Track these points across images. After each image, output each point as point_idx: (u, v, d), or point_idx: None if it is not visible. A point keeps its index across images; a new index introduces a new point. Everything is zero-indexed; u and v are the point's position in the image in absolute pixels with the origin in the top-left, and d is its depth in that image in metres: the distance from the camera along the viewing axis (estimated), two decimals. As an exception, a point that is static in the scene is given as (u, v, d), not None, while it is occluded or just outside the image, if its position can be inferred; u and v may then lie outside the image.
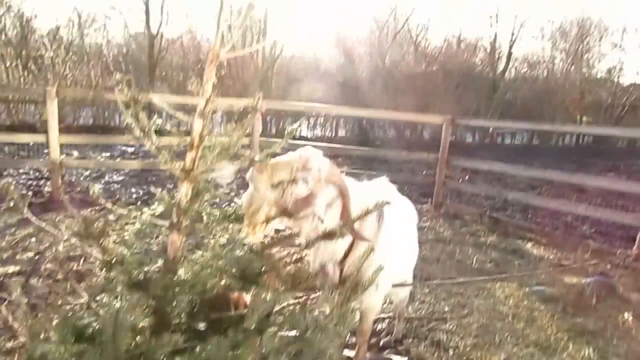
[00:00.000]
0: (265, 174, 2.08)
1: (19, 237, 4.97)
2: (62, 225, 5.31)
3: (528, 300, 4.21)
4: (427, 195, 8.64)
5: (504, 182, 10.77)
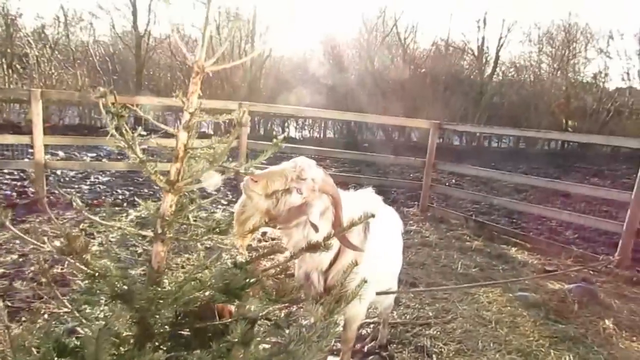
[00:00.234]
0: (260, 184, 2.10)
1: (2, 239, 4.91)
2: (45, 229, 5.28)
3: (511, 306, 4.26)
4: (414, 199, 8.71)
5: (490, 185, 10.87)
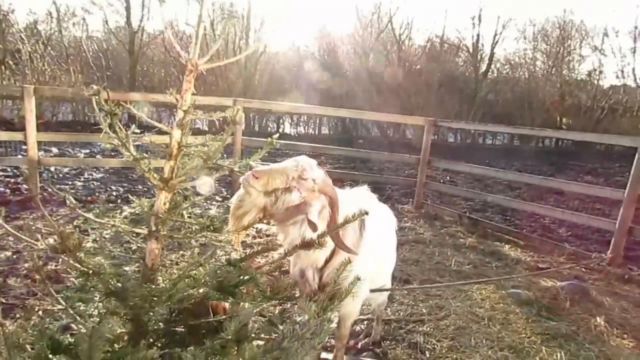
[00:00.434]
0: (261, 181, 2.10)
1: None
2: (39, 226, 5.27)
3: (504, 303, 4.28)
4: (408, 196, 8.73)
5: (484, 183, 10.92)
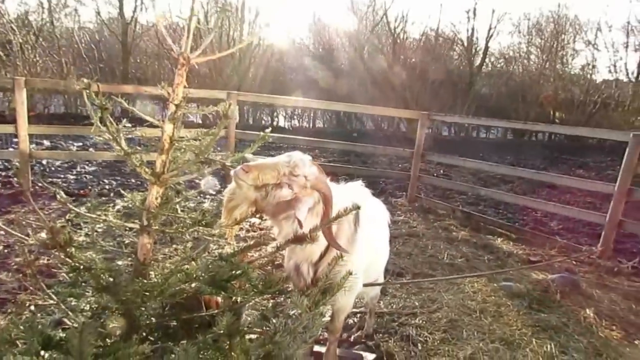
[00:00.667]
0: (251, 175, 2.07)
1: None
2: (31, 219, 5.24)
3: (496, 296, 4.32)
4: (402, 189, 8.75)
5: (478, 176, 10.95)
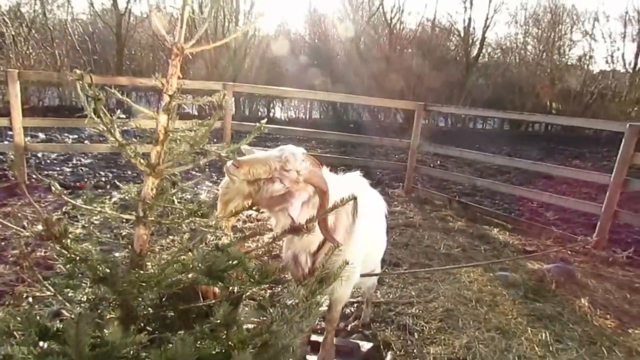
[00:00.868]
0: (242, 170, 2.07)
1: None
2: (27, 212, 5.24)
3: (491, 285, 4.35)
4: (398, 180, 8.77)
5: (474, 167, 10.98)
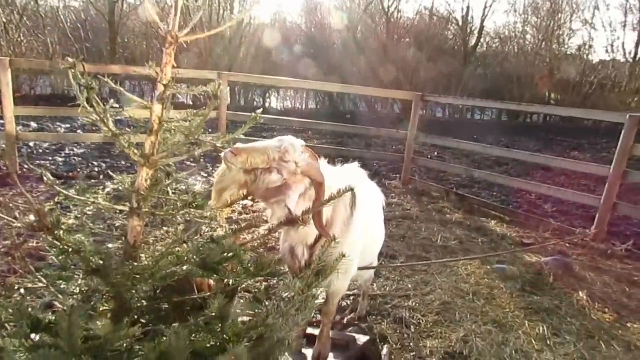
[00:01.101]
0: (240, 158, 2.04)
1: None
2: (20, 202, 5.21)
3: (489, 278, 4.37)
4: (395, 172, 8.77)
5: (472, 158, 10.98)
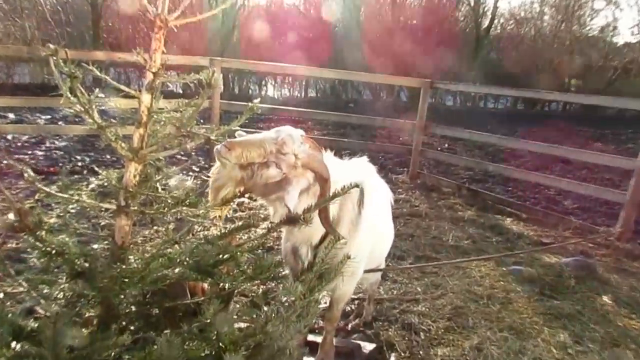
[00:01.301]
0: (234, 153, 2.01)
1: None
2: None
3: (504, 281, 4.37)
4: (402, 165, 8.76)
5: (485, 151, 10.96)
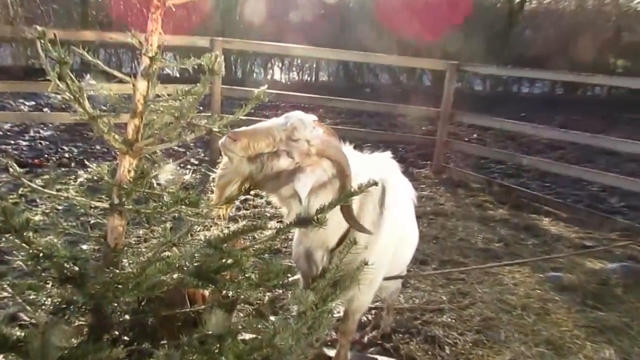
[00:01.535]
0: (240, 144, 2.01)
1: None
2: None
3: (541, 289, 4.34)
4: (425, 158, 8.72)
5: (519, 142, 10.88)
